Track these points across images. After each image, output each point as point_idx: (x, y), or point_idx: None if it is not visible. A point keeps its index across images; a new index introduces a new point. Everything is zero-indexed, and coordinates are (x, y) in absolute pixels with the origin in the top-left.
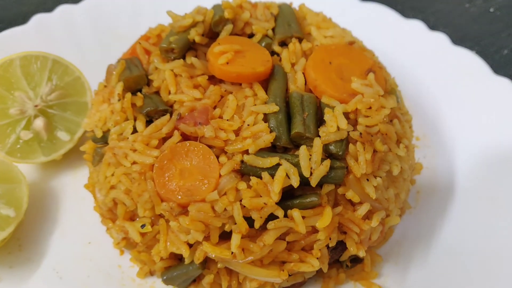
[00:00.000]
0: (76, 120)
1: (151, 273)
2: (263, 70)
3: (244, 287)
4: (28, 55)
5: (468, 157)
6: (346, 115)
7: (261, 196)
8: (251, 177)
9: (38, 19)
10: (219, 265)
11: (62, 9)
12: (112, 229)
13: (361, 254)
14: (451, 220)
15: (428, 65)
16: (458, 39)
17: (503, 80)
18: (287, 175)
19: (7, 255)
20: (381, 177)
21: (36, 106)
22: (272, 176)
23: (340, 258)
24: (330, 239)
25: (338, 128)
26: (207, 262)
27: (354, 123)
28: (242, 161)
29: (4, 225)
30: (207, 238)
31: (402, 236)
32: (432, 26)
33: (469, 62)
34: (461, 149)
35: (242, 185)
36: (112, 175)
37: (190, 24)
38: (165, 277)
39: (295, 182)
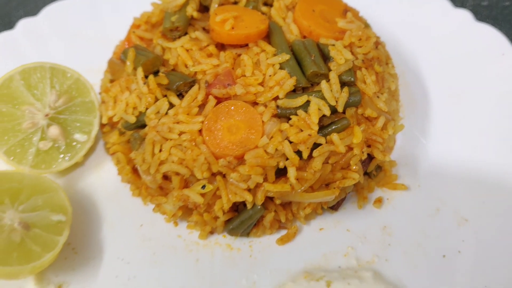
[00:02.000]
0: (87, 119)
1: (211, 232)
2: (264, 28)
3: (298, 216)
4: (26, 67)
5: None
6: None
7: (302, 130)
8: (290, 117)
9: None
10: (277, 201)
11: (23, 23)
12: (166, 203)
13: (387, 159)
14: (436, 124)
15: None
16: None
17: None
18: (319, 109)
19: (64, 260)
20: (386, 93)
21: (46, 115)
22: (306, 111)
23: (368, 170)
24: (362, 152)
25: (346, 60)
26: (265, 203)
27: (353, 55)
28: (277, 106)
29: (60, 231)
30: (265, 180)
31: (402, 143)
32: None
33: None
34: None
35: (285, 126)
36: (160, 151)
37: (184, 2)
38: (230, 227)
39: (327, 111)
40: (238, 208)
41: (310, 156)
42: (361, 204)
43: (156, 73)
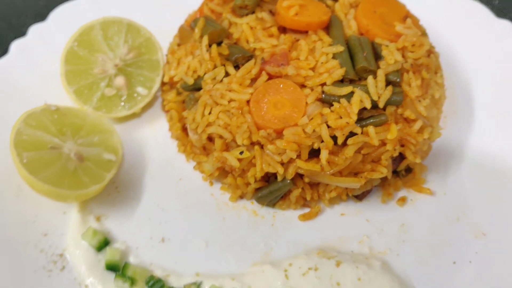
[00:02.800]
0: (151, 76)
1: (241, 197)
2: (326, 19)
3: (323, 197)
4: (106, 20)
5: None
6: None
7: (342, 118)
8: (332, 103)
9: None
10: (306, 180)
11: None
12: (206, 163)
13: (418, 160)
14: (475, 138)
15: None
16: None
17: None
18: (361, 101)
19: (107, 197)
20: (428, 99)
21: (116, 65)
22: (348, 101)
23: (398, 169)
24: (395, 150)
25: (396, 61)
26: (294, 179)
27: (404, 58)
28: (323, 92)
29: (108, 168)
30: (298, 157)
31: (438, 151)
32: None
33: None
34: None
35: (326, 110)
36: (210, 113)
37: None
38: (259, 195)
39: (368, 104)
40: (269, 179)
41: (345, 144)
42: (385, 199)
43: (219, 43)
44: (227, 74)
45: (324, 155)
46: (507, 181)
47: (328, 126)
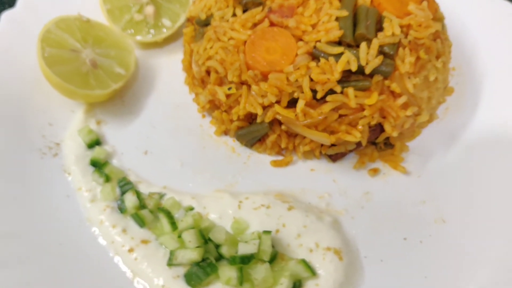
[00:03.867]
0: (178, 11)
1: (225, 133)
2: None
3: (297, 149)
4: None
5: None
6: (400, 27)
7: (325, 74)
8: (320, 59)
9: None
10: (282, 127)
11: None
12: (201, 95)
13: (395, 134)
14: (471, 132)
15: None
16: None
17: None
18: (348, 62)
19: (112, 107)
20: (419, 79)
21: None
22: (337, 61)
23: (376, 140)
24: (372, 117)
25: (393, 34)
26: (273, 124)
27: (406, 35)
28: (315, 47)
29: (116, 80)
30: (278, 103)
31: (428, 138)
32: None
33: None
34: (489, 82)
35: (312, 64)
36: (211, 48)
37: None
38: (239, 133)
39: (353, 67)
40: (252, 121)
41: (324, 100)
42: (357, 166)
43: None
44: (235, 15)
45: (300, 104)
46: (483, 181)
47: (312, 80)
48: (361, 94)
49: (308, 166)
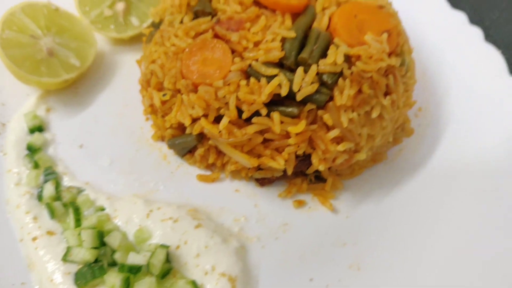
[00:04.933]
0: (148, 12)
1: (162, 139)
2: (296, 4)
3: (226, 167)
4: None
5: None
6: (349, 57)
7: (253, 94)
8: (250, 78)
9: None
10: (210, 142)
11: None
12: (145, 97)
13: (321, 168)
14: (415, 182)
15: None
16: None
17: None
18: (280, 85)
19: (65, 96)
20: (358, 114)
21: None
22: (268, 82)
23: (307, 171)
24: (298, 146)
25: (335, 63)
26: (203, 138)
27: (351, 65)
28: (250, 65)
29: (69, 70)
30: (206, 116)
31: (369, 179)
32: None
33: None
34: (452, 129)
35: (243, 82)
36: (155, 51)
37: None
38: (169, 142)
39: (284, 91)
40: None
41: (250, 121)
42: (283, 194)
43: None
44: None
45: (223, 121)
46: (411, 235)
47: (239, 99)
48: (288, 121)
49: (234, 186)
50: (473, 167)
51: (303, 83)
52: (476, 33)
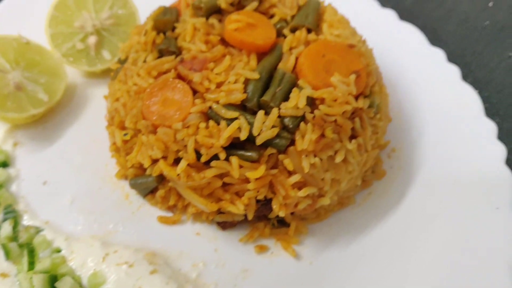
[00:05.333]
0: (119, 46)
1: (125, 177)
2: (261, 44)
3: (187, 210)
4: None
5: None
6: (313, 100)
7: (212, 138)
8: (209, 121)
9: None
10: (170, 184)
11: None
12: (110, 134)
13: (281, 214)
14: (381, 228)
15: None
16: None
17: None
18: (240, 128)
19: (33, 131)
20: (321, 159)
21: (94, 26)
22: (228, 125)
23: (269, 215)
24: (258, 191)
25: (296, 107)
26: (163, 179)
27: (314, 109)
28: (210, 107)
29: (37, 105)
30: (165, 158)
31: (336, 223)
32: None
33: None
34: (425, 172)
35: (203, 125)
36: (119, 89)
37: None
38: (131, 182)
39: (243, 135)
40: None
41: (209, 164)
42: (244, 239)
43: (163, 33)
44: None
45: (181, 165)
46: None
47: (198, 142)
48: (247, 165)
49: (195, 229)
50: (446, 212)
51: (263, 127)
52: (454, 71)
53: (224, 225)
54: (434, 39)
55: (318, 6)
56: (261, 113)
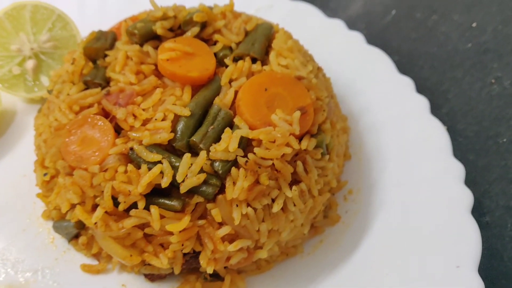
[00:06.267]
0: None
1: (52, 218)
2: (196, 76)
3: (112, 259)
4: (39, 4)
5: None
6: (249, 141)
7: (131, 184)
8: (128, 165)
9: None
10: (89, 231)
11: None
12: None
13: (209, 270)
14: (336, 280)
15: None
16: None
17: None
18: (161, 174)
19: None
20: (255, 208)
21: (32, 49)
22: (149, 169)
23: (200, 269)
24: (182, 245)
25: (227, 150)
26: (84, 225)
27: (248, 152)
28: (131, 148)
29: None
30: (83, 204)
31: (281, 276)
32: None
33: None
34: (385, 221)
35: (122, 169)
36: (42, 124)
37: (160, 17)
38: (54, 225)
39: (164, 182)
40: None
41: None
42: None
43: (94, 61)
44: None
45: (97, 213)
46: None
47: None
48: (170, 215)
49: (121, 280)
50: (403, 267)
51: (189, 172)
52: (422, 103)
53: (152, 277)
54: (409, 63)
55: (269, 31)
56: (187, 156)
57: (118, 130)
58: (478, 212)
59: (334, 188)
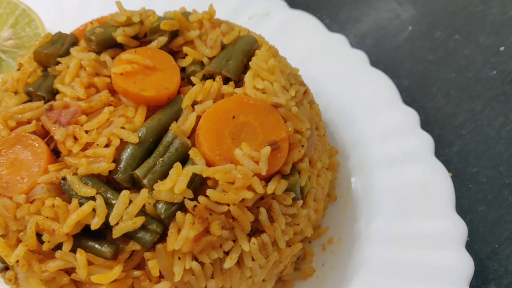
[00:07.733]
0: None
1: None
2: (152, 96)
3: None
4: None
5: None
6: (204, 180)
7: (57, 221)
8: (56, 198)
9: None
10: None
11: None
12: None
13: None
14: None
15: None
16: None
17: None
18: (93, 213)
19: None
20: (202, 263)
21: None
22: (81, 204)
23: None
24: None
25: (172, 190)
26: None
27: (198, 195)
28: (63, 178)
29: None
30: (6, 236)
31: None
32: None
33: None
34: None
35: (50, 202)
36: None
37: (123, 22)
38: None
39: (94, 224)
40: None
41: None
42: None
43: (45, 68)
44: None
45: (17, 250)
46: None
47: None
48: (100, 262)
49: None
50: None
51: (125, 214)
52: (427, 142)
53: None
54: (420, 89)
55: (250, 46)
56: (124, 194)
57: (59, 153)
58: (482, 278)
59: (308, 237)
